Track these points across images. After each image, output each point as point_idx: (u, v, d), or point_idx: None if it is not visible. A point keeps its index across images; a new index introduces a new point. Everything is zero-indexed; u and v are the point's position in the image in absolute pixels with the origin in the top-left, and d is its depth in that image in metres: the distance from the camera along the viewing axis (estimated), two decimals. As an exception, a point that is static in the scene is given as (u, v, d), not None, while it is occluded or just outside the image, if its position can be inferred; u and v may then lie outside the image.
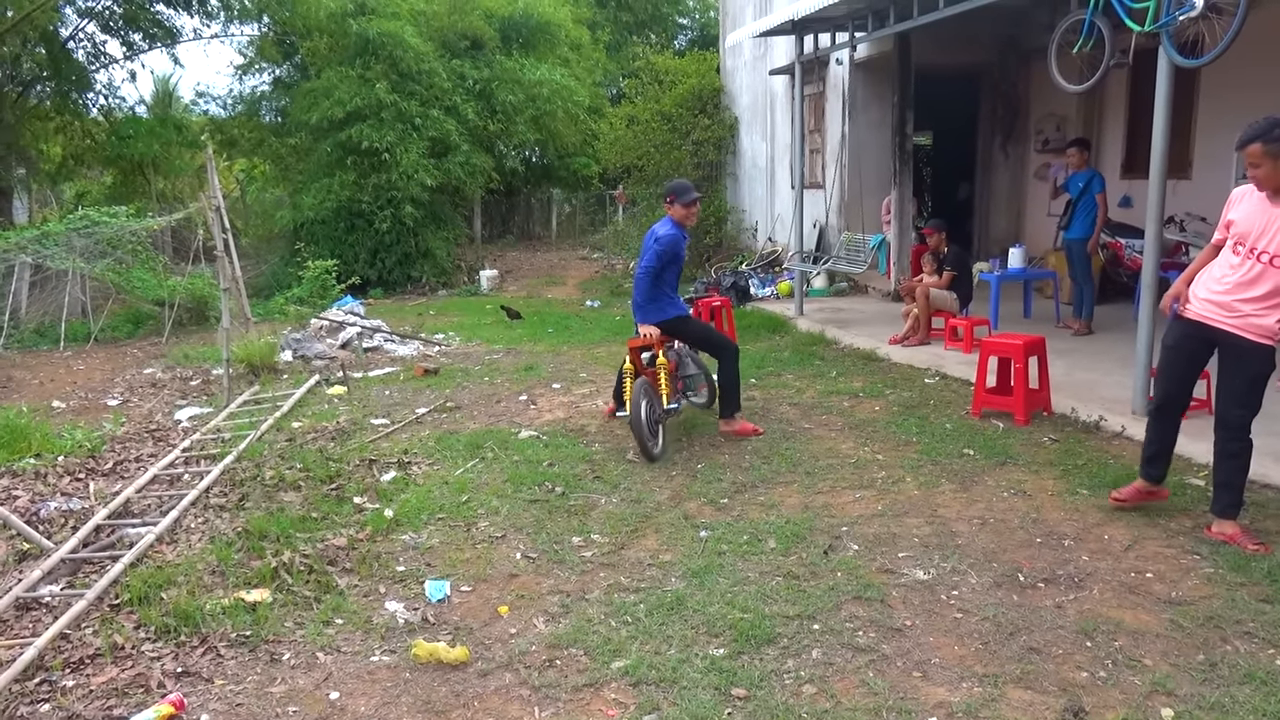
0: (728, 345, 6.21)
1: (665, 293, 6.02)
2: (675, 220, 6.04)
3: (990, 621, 3.61)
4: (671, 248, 5.93)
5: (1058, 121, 11.90)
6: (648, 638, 3.62)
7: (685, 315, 6.19)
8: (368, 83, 16.79)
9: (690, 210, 6.06)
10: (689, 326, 6.26)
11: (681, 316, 6.15)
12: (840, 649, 3.48)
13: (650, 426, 5.76)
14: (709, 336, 6.38)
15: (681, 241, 6.05)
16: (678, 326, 6.14)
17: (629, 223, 19.38)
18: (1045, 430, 5.99)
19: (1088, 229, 8.39)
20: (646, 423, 5.71)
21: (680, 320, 6.14)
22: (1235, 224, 4.19)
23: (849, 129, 12.71)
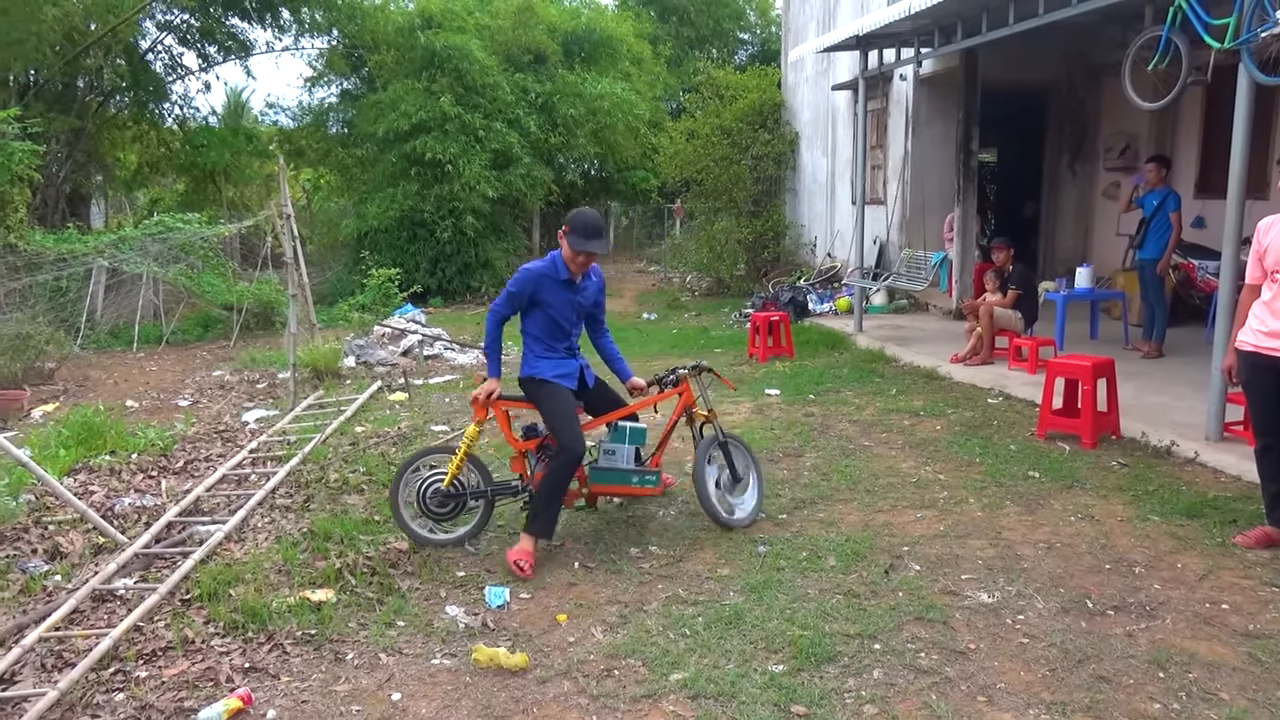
0: (565, 445, 4.47)
1: (528, 344, 4.70)
2: (561, 258, 4.58)
3: (1058, 648, 3.53)
4: (523, 285, 4.54)
5: (1128, 139, 11.65)
6: (706, 651, 3.61)
7: (544, 379, 4.62)
8: (433, 95, 17.10)
9: (579, 256, 4.51)
10: (542, 397, 4.63)
11: (536, 379, 4.63)
12: (902, 670, 3.44)
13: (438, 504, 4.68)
14: (557, 424, 4.57)
15: (545, 280, 4.55)
16: (531, 391, 4.68)
17: (686, 236, 19.40)
18: (1114, 454, 5.85)
19: (1161, 249, 8.19)
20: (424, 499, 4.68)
21: (535, 384, 4.64)
22: (1268, 252, 4.27)
23: (912, 145, 12.58)
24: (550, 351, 4.68)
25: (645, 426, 4.90)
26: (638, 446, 4.83)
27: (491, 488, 4.74)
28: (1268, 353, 4.28)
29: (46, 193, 16.13)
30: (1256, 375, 4.36)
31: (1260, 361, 4.32)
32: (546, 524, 4.49)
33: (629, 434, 4.80)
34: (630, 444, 4.79)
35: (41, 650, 3.69)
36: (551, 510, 4.51)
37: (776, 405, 7.47)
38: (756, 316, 9.80)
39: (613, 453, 4.79)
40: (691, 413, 4.91)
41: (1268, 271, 4.30)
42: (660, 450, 5.00)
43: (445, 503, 4.68)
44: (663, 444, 5.03)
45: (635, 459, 4.82)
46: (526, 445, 4.76)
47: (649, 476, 4.79)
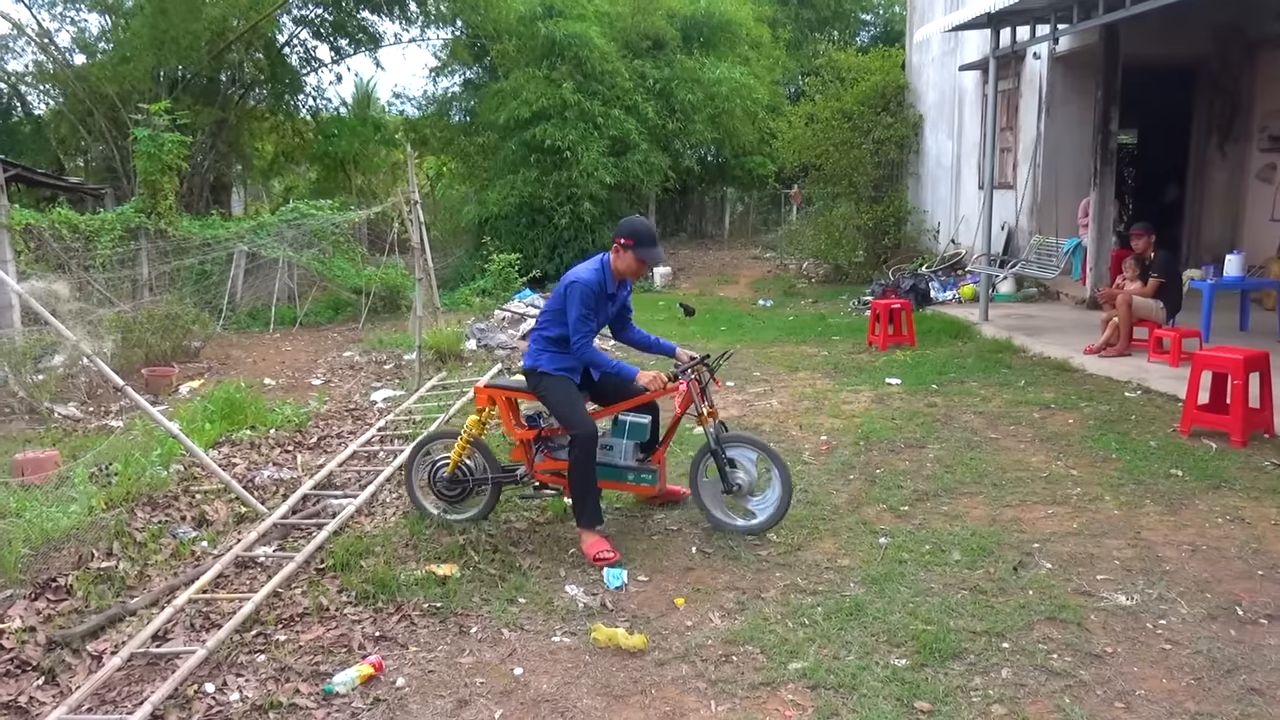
0: (574, 432, 4.43)
1: (540, 339, 4.59)
2: (613, 267, 4.50)
3: (1204, 656, 3.34)
4: (589, 302, 4.40)
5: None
6: (825, 641, 3.56)
7: (545, 372, 4.52)
8: (553, 83, 17.31)
9: (644, 267, 4.50)
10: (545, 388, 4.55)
11: (538, 371, 4.54)
12: (1032, 670, 3.31)
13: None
14: (563, 412, 4.52)
15: (599, 296, 4.45)
16: (533, 382, 4.60)
17: (803, 222, 19.12)
18: (1266, 454, 5.48)
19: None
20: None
21: (537, 376, 4.55)
22: None
23: (1045, 126, 12.05)
24: (560, 350, 4.53)
25: (646, 421, 4.69)
26: (638, 441, 4.68)
27: (494, 475, 4.76)
28: None
29: (192, 181, 17.09)
30: None
31: None
32: (592, 513, 4.46)
33: (628, 428, 4.66)
34: (629, 439, 4.65)
35: (191, 611, 3.93)
36: (589, 499, 4.45)
37: (898, 395, 7.29)
38: (876, 304, 9.58)
39: (610, 448, 4.64)
40: (700, 413, 4.55)
41: None
42: (662, 447, 4.77)
43: (453, 486, 4.76)
44: (665, 441, 4.78)
45: (636, 453, 4.67)
46: (526, 435, 4.70)
47: (645, 474, 4.65)
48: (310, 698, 3.31)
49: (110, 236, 11.75)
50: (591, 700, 3.25)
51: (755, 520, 4.57)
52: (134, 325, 9.80)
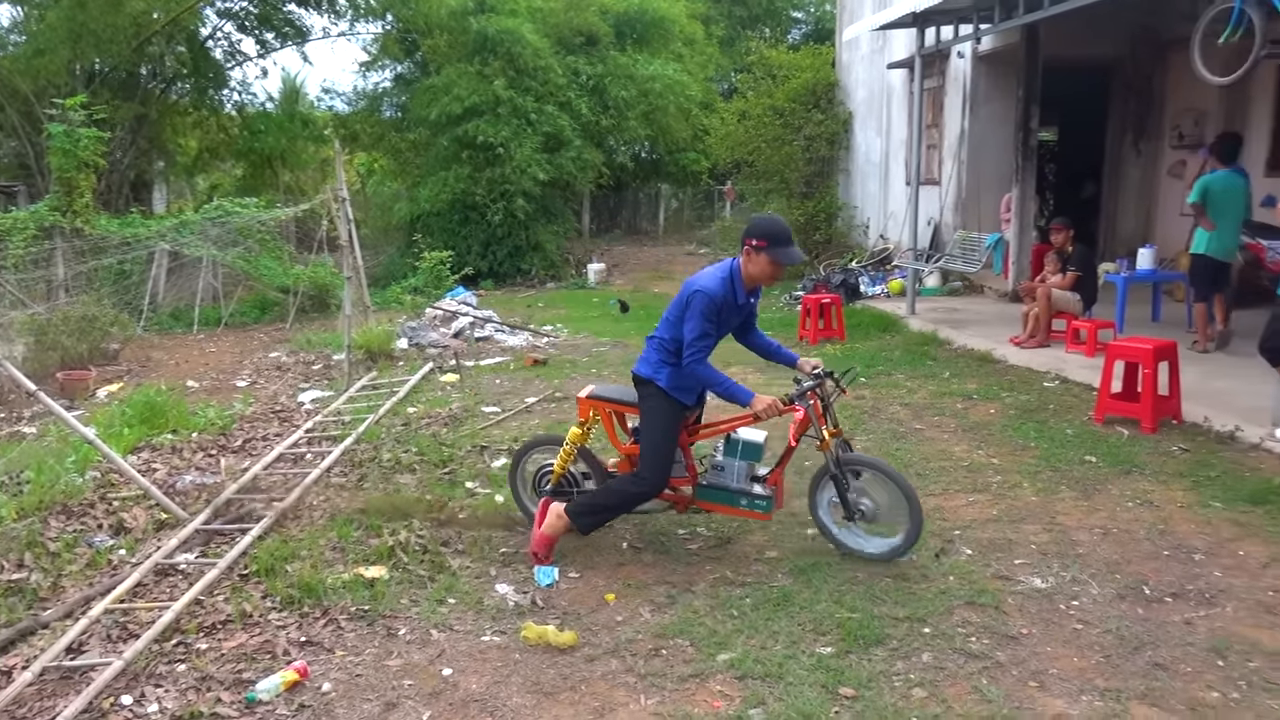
0: (643, 476, 4.17)
1: (658, 346, 4.23)
2: (744, 273, 4.09)
3: (1113, 634, 3.47)
4: (711, 314, 4.01)
5: (1196, 116, 11.28)
6: (753, 632, 3.60)
7: (661, 388, 4.15)
8: (486, 79, 17.18)
9: (780, 270, 4.10)
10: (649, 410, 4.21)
11: (654, 384, 4.18)
12: (952, 654, 3.40)
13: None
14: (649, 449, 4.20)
15: (725, 307, 4.06)
16: (642, 393, 4.27)
17: (737, 218, 19.29)
18: (1174, 439, 5.70)
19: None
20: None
21: (650, 390, 4.20)
22: None
23: (969, 124, 12.33)
24: (679, 361, 4.13)
25: (761, 441, 4.26)
26: (751, 463, 4.27)
27: (579, 493, 4.47)
28: None
29: (111, 178, 16.57)
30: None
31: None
32: (589, 524, 4.25)
33: (741, 448, 4.24)
34: (742, 459, 4.24)
35: (107, 622, 3.82)
36: (600, 517, 4.27)
37: (827, 388, 7.40)
38: (807, 299, 9.72)
39: (722, 469, 4.27)
40: (822, 436, 4.11)
41: None
42: (779, 469, 4.32)
43: (558, 495, 4.46)
44: (782, 462, 4.33)
45: (748, 476, 4.26)
46: (633, 450, 4.33)
47: (759, 500, 4.21)
48: (232, 706, 3.24)
49: (23, 236, 11.32)
50: (521, 698, 3.25)
51: (886, 545, 4.14)
52: (48, 327, 9.48)
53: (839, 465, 4.10)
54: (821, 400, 4.13)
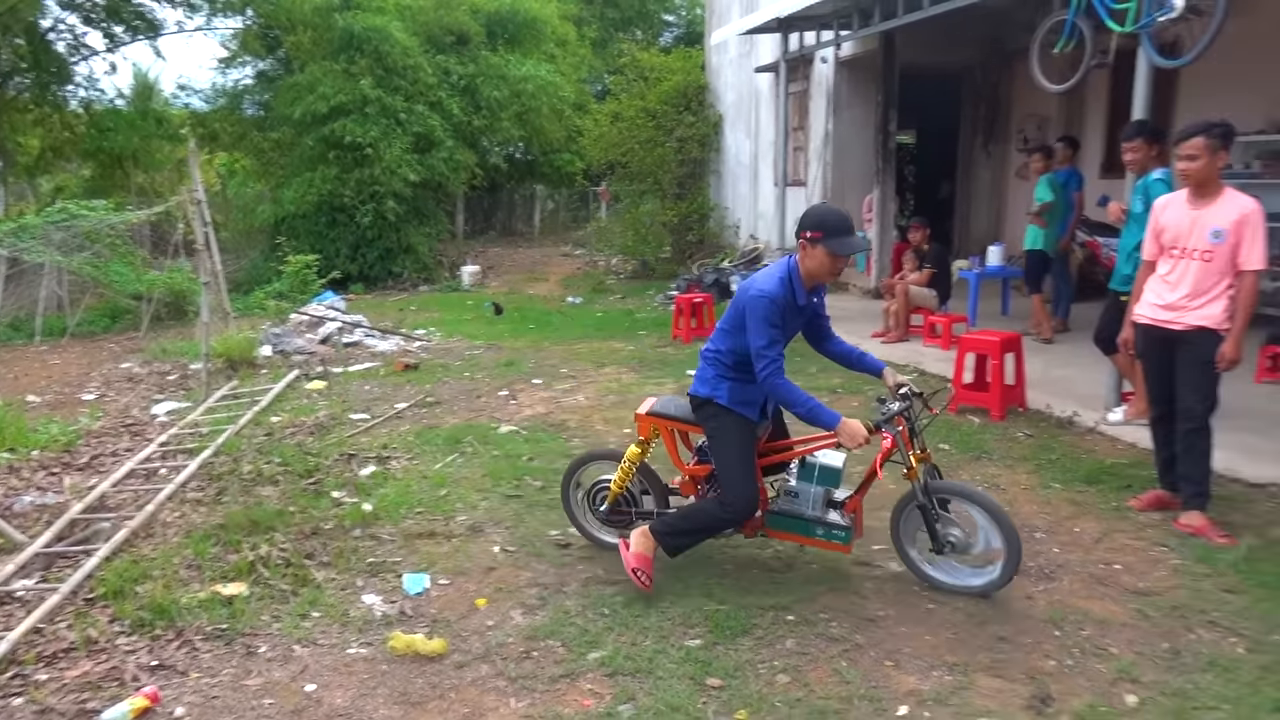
0: (729, 502, 3.77)
1: (713, 360, 3.89)
2: (801, 270, 3.71)
3: (961, 612, 3.66)
4: (773, 318, 3.63)
5: (1039, 121, 12.00)
6: (624, 629, 3.64)
7: (723, 405, 3.82)
8: (352, 78, 16.72)
9: (840, 264, 3.70)
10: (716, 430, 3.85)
11: (714, 403, 3.84)
12: (814, 639, 3.52)
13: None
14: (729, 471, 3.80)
15: (787, 310, 3.69)
16: (704, 415, 3.90)
17: (612, 219, 19.39)
18: (1020, 426, 6.05)
19: (1064, 228, 8.46)
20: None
21: (711, 410, 3.86)
22: (1165, 230, 4.46)
23: (833, 127, 12.76)
24: (736, 374, 3.80)
25: (841, 465, 3.91)
26: (829, 488, 3.92)
27: (660, 511, 4.16)
28: (1162, 325, 4.45)
29: (-60, 180, 15.37)
30: (1151, 347, 4.54)
31: (1155, 334, 4.49)
32: (675, 545, 3.86)
33: (818, 473, 3.88)
34: (819, 485, 3.88)
35: (-66, 655, 3.55)
36: (686, 539, 3.88)
37: (699, 386, 7.52)
38: (680, 298, 9.86)
39: (795, 495, 3.90)
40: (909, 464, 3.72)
41: (1164, 248, 4.48)
42: (859, 495, 3.95)
43: (614, 514, 4.24)
44: (862, 489, 3.96)
45: (825, 504, 3.91)
46: (697, 471, 4.04)
47: (837, 530, 3.83)
48: (75, 737, 3.07)
49: None
50: (388, 710, 3.19)
51: (982, 578, 3.76)
52: None
53: (927, 494, 3.71)
54: (909, 423, 3.72)
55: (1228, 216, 4.28)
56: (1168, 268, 4.46)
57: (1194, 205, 4.36)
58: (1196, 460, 4.33)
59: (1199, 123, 4.32)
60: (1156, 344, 4.49)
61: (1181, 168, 4.35)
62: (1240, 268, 4.27)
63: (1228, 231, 4.26)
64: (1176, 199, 4.49)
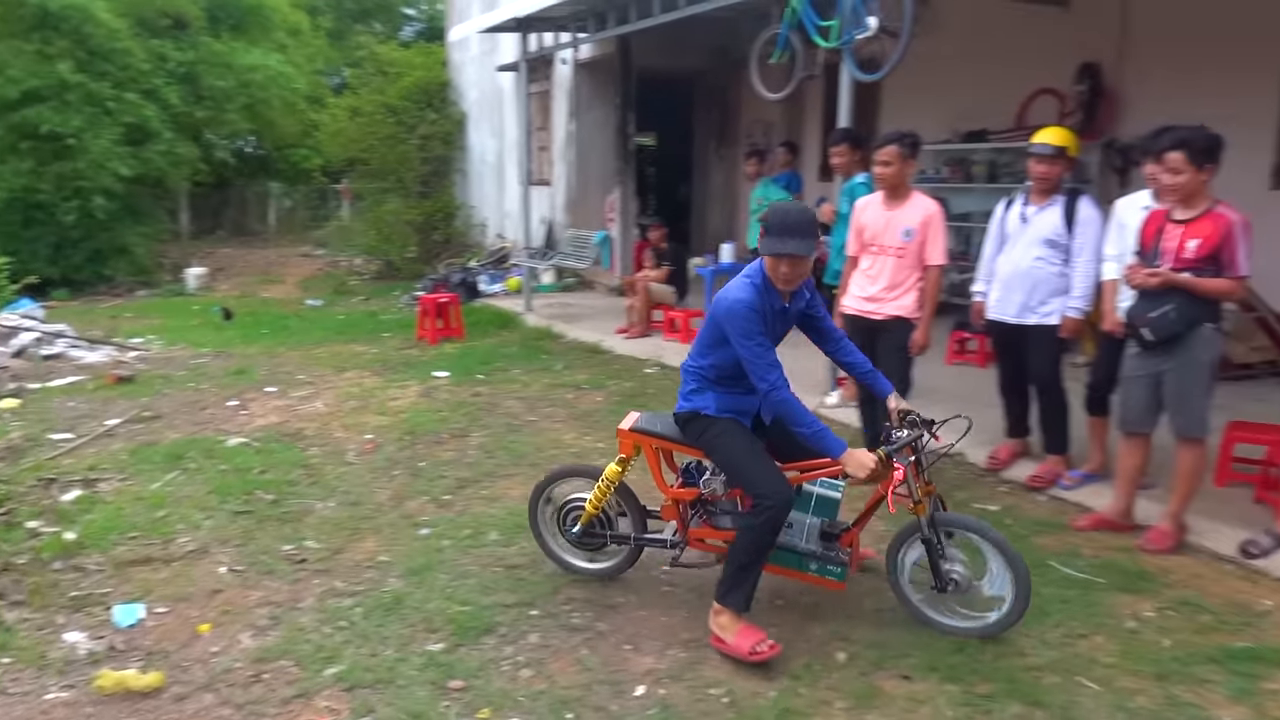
0: (763, 496, 3.36)
1: (695, 374, 3.60)
2: (767, 275, 3.38)
3: (695, 591, 3.85)
4: (755, 324, 3.33)
5: (765, 127, 12.81)
6: (363, 640, 3.53)
7: (710, 416, 3.54)
8: (48, 60, 14.98)
9: (780, 265, 3.30)
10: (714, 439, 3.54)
11: (701, 415, 3.56)
12: (557, 631, 3.58)
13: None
14: (745, 470, 3.48)
15: (766, 315, 3.38)
16: (695, 431, 3.61)
17: (354, 218, 18.67)
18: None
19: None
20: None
21: (700, 423, 3.57)
22: (865, 229, 4.94)
23: (575, 128, 12.97)
24: (723, 385, 3.53)
25: (840, 495, 3.68)
26: (825, 519, 3.66)
27: (638, 536, 3.86)
28: (865, 315, 4.93)
29: None
30: (857, 335, 4.96)
31: (860, 323, 4.96)
32: (748, 595, 3.41)
33: (814, 503, 3.66)
34: (815, 516, 3.65)
35: None
36: (751, 578, 3.41)
37: (445, 387, 7.42)
38: (425, 299, 9.67)
39: (789, 525, 3.58)
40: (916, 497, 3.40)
41: (865, 245, 4.95)
42: (857, 528, 3.66)
43: (586, 536, 3.91)
44: (860, 522, 3.66)
45: (820, 536, 3.63)
46: (681, 494, 3.74)
47: (832, 566, 3.55)
48: None
49: None
50: (94, 755, 2.91)
51: (984, 621, 3.47)
52: None
53: (933, 528, 3.42)
54: (916, 453, 3.43)
55: (916, 217, 4.79)
56: (868, 263, 4.93)
57: (888, 207, 4.84)
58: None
59: (893, 133, 4.82)
60: (861, 332, 4.93)
61: (878, 172, 4.83)
62: (926, 263, 4.79)
63: (916, 230, 4.77)
64: (874, 200, 4.96)
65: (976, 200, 9.45)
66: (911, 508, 3.38)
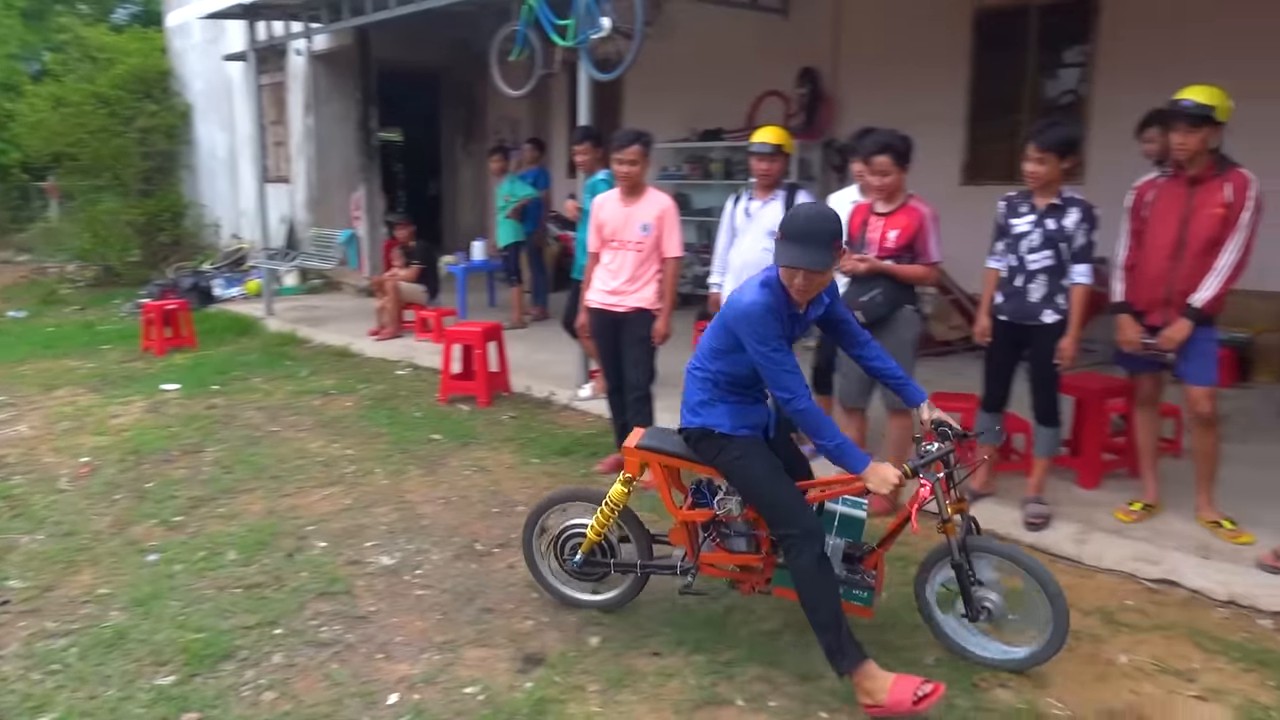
0: (797, 533, 3.07)
1: (700, 382, 3.29)
2: (778, 279, 3.07)
3: (449, 593, 3.82)
4: (775, 328, 3.03)
5: (512, 123, 12.83)
6: (80, 683, 3.22)
7: (725, 434, 3.23)
8: None
9: (794, 277, 2.99)
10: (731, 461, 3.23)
11: (713, 433, 3.24)
12: (304, 648, 3.43)
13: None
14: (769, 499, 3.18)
15: (784, 321, 3.07)
16: (707, 449, 3.29)
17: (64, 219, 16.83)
18: (505, 409, 6.47)
19: (537, 223, 9.17)
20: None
21: (713, 441, 3.26)
22: (605, 225, 5.05)
23: (314, 122, 12.39)
24: (735, 395, 3.24)
25: (864, 515, 3.36)
26: (848, 540, 3.33)
27: (645, 563, 3.54)
28: (608, 309, 5.05)
29: None
30: (602, 328, 5.12)
31: (604, 317, 5.08)
32: (850, 647, 2.99)
33: (838, 522, 3.33)
34: (839, 537, 3.32)
35: None
36: (839, 631, 3.00)
37: (175, 401, 6.87)
38: (149, 306, 8.89)
39: None
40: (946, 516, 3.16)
41: (605, 241, 5.06)
42: (882, 549, 3.31)
43: (588, 566, 3.58)
44: (885, 542, 3.32)
45: (845, 559, 3.29)
46: (693, 517, 3.42)
47: (858, 590, 3.26)
48: None
49: None
50: None
51: (1019, 652, 3.23)
52: None
53: (964, 552, 3.16)
54: (947, 468, 3.16)
55: (652, 212, 4.97)
56: (610, 258, 5.06)
57: (626, 203, 5.00)
58: (643, 423, 4.99)
59: (631, 132, 4.95)
60: (606, 326, 5.07)
61: (624, 171, 4.93)
62: (664, 255, 4.99)
63: (653, 225, 4.96)
64: (611, 197, 5.10)
65: (716, 196, 9.96)
66: (941, 527, 3.15)
